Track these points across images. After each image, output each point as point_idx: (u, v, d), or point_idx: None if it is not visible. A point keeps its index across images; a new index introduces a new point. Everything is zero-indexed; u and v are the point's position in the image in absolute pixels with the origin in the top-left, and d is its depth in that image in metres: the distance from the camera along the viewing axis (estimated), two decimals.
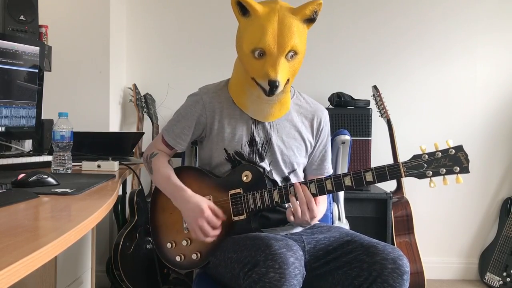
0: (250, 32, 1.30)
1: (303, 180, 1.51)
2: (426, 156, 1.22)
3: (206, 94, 1.46)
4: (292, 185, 1.32)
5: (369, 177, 1.26)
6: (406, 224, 2.56)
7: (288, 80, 1.34)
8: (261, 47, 1.28)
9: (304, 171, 1.55)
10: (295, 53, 1.31)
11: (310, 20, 1.33)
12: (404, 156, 1.26)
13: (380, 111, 2.63)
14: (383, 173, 1.24)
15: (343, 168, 1.77)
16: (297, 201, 1.29)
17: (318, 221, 1.54)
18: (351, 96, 2.67)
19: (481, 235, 2.93)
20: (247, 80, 1.37)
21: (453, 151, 1.21)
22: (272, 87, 1.28)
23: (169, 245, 1.45)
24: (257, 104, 1.39)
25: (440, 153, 1.22)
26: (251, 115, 1.43)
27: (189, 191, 1.38)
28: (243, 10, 1.32)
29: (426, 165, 1.22)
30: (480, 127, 2.89)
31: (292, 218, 1.31)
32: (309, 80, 2.79)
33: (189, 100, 1.49)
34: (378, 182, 1.25)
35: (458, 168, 1.20)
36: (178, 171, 1.47)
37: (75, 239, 0.78)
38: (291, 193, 1.31)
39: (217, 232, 1.33)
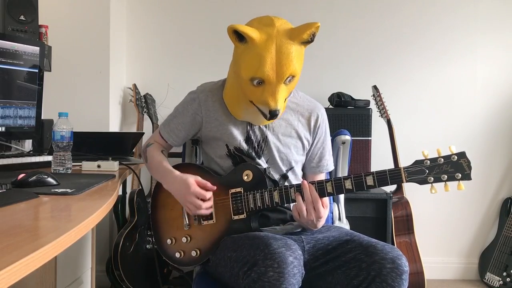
0: (248, 60, 1.29)
1: (301, 178, 1.52)
2: (428, 161, 1.22)
3: (202, 92, 1.48)
4: (293, 186, 1.33)
5: (370, 181, 1.26)
6: (406, 224, 2.56)
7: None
8: (260, 76, 1.27)
9: (303, 169, 1.55)
10: (293, 76, 1.31)
11: (307, 42, 1.31)
12: (404, 156, 1.26)
13: (380, 111, 2.63)
14: (384, 178, 1.24)
15: (343, 168, 1.77)
16: (304, 201, 1.29)
17: None
18: (351, 96, 2.67)
19: (481, 235, 2.93)
20: (244, 99, 1.37)
21: (456, 157, 1.20)
22: (272, 116, 1.30)
23: (169, 241, 1.46)
24: (252, 114, 1.41)
25: (442, 159, 1.21)
26: (246, 121, 1.45)
27: (176, 172, 1.40)
28: (239, 36, 1.29)
29: (427, 171, 1.21)
30: (480, 127, 2.89)
31: (297, 215, 1.31)
32: (309, 80, 2.79)
33: (188, 97, 1.52)
34: (379, 186, 1.26)
35: (460, 175, 1.19)
36: (179, 168, 1.47)
37: (75, 239, 0.78)
38: (297, 192, 1.31)
39: (208, 204, 1.34)
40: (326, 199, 1.35)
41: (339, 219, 1.79)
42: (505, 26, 2.86)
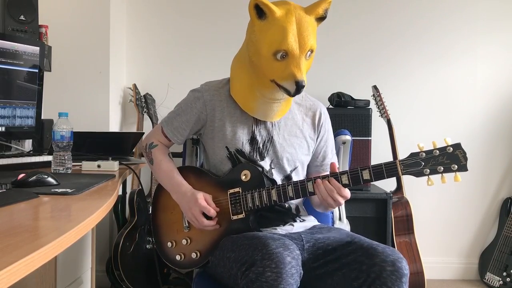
0: (269, 34, 1.29)
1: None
2: (424, 154, 1.21)
3: (207, 91, 1.46)
4: (290, 183, 1.33)
5: (366, 175, 1.25)
6: (406, 224, 2.56)
7: None
8: (284, 48, 1.27)
9: (307, 168, 1.55)
10: (312, 51, 1.32)
11: (321, 18, 1.35)
12: (404, 156, 1.25)
13: (380, 111, 2.63)
14: (380, 171, 1.24)
15: (344, 168, 1.77)
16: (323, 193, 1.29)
17: (318, 221, 1.55)
18: (351, 96, 2.67)
19: (481, 235, 2.93)
20: (260, 83, 1.35)
21: (451, 149, 1.20)
22: (299, 87, 1.28)
23: (169, 244, 1.46)
24: (268, 105, 1.39)
25: (437, 151, 1.21)
26: (258, 117, 1.43)
27: (188, 186, 1.41)
28: (259, 12, 1.30)
29: (423, 163, 1.21)
30: (480, 127, 2.89)
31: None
32: (309, 80, 2.76)
33: (191, 95, 1.50)
34: (375, 180, 1.25)
35: (456, 166, 1.19)
36: (179, 171, 1.47)
37: (75, 239, 0.77)
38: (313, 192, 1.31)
39: (211, 222, 1.36)
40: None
41: (340, 219, 1.79)
42: (505, 26, 2.86)
